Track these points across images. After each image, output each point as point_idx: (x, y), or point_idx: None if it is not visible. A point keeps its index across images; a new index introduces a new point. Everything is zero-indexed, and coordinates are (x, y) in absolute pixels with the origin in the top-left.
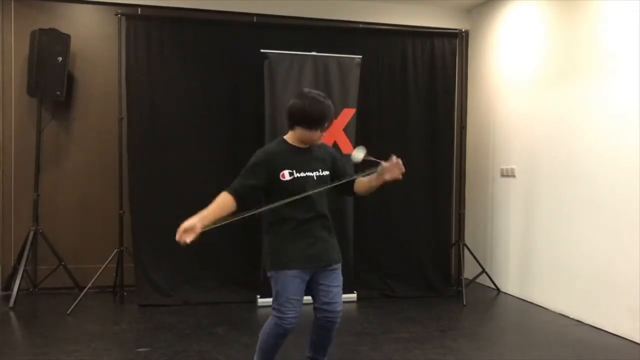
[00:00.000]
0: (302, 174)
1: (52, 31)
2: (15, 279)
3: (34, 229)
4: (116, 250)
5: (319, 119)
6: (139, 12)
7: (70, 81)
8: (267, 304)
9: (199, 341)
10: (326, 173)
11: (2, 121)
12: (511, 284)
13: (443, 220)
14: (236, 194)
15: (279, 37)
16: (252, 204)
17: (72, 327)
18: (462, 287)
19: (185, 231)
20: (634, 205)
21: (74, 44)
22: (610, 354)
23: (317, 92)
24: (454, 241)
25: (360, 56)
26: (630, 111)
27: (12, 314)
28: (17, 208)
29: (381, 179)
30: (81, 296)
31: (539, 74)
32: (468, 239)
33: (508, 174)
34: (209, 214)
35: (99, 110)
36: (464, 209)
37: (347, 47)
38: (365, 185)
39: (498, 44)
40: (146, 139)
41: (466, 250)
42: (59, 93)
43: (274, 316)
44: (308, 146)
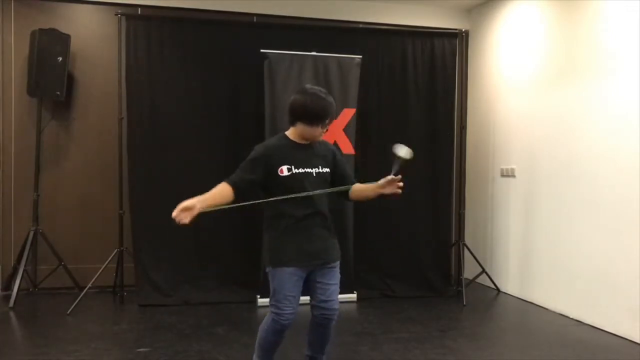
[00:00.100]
0: (301, 170)
1: (52, 31)
2: (15, 279)
3: (34, 229)
4: (116, 250)
5: (320, 115)
6: (139, 12)
7: (70, 81)
8: (267, 304)
9: (199, 341)
10: (326, 170)
11: (2, 121)
12: (511, 284)
13: (443, 220)
14: (235, 186)
15: (279, 37)
16: (250, 197)
17: (72, 327)
18: (462, 287)
19: (184, 210)
20: (634, 205)
21: (74, 44)
22: (610, 354)
23: (318, 88)
24: (454, 241)
25: (360, 56)
26: (630, 111)
27: (12, 314)
28: (17, 208)
29: (378, 192)
30: (81, 296)
31: (539, 74)
32: (468, 239)
33: (508, 174)
34: (208, 198)
35: (99, 110)
36: (464, 209)
37: (347, 47)
38: (361, 193)
39: (498, 44)
40: (146, 139)
41: (466, 250)
42: (59, 93)
43: (271, 312)
44: (309, 142)
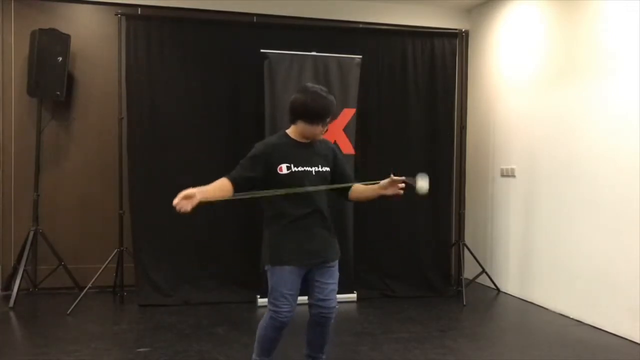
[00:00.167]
0: (301, 169)
1: (52, 31)
2: (15, 279)
3: (34, 229)
4: (116, 250)
5: (321, 113)
6: (139, 12)
7: (70, 81)
8: (267, 304)
9: (199, 341)
10: (326, 169)
11: (2, 121)
12: (511, 284)
13: (443, 220)
14: (234, 182)
15: (279, 37)
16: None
17: (72, 327)
18: (462, 287)
19: (185, 198)
20: (634, 205)
21: (74, 44)
22: (610, 354)
23: (319, 87)
24: (454, 241)
25: (360, 56)
26: (630, 111)
27: (12, 314)
28: (17, 208)
29: (379, 193)
30: (81, 296)
31: (539, 74)
32: (468, 239)
33: (508, 174)
34: (208, 190)
35: (99, 110)
36: (464, 209)
37: (347, 47)
38: (361, 194)
39: (498, 44)
40: (146, 139)
41: (466, 250)
42: (59, 93)
43: (269, 309)
44: (309, 141)
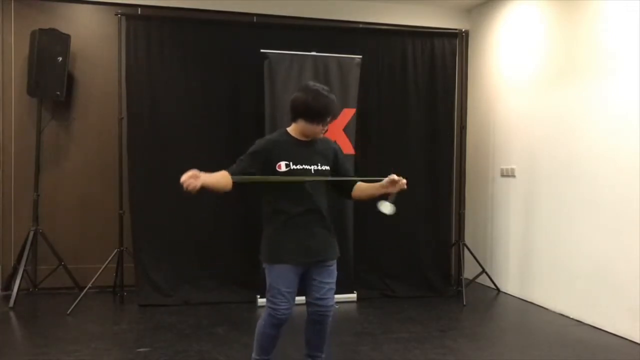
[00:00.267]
0: (300, 167)
1: (52, 31)
2: (15, 279)
3: (34, 229)
4: (116, 250)
5: (322, 112)
6: (139, 12)
7: (70, 81)
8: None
9: (199, 341)
10: (326, 168)
11: (2, 121)
12: (511, 284)
13: (443, 220)
14: (234, 178)
15: (279, 37)
16: (248, 189)
17: (72, 327)
18: (462, 287)
19: (192, 177)
20: (634, 205)
21: (74, 44)
22: (610, 354)
23: (321, 85)
24: (454, 241)
25: (360, 56)
26: (630, 111)
27: (12, 314)
28: (17, 208)
29: (383, 190)
30: (81, 296)
31: (539, 74)
32: (468, 239)
33: (508, 174)
34: (212, 176)
35: (99, 110)
36: (464, 209)
37: (347, 47)
38: (363, 192)
39: (498, 44)
40: (146, 139)
41: (466, 250)
42: (59, 93)
43: (267, 307)
44: (310, 139)
